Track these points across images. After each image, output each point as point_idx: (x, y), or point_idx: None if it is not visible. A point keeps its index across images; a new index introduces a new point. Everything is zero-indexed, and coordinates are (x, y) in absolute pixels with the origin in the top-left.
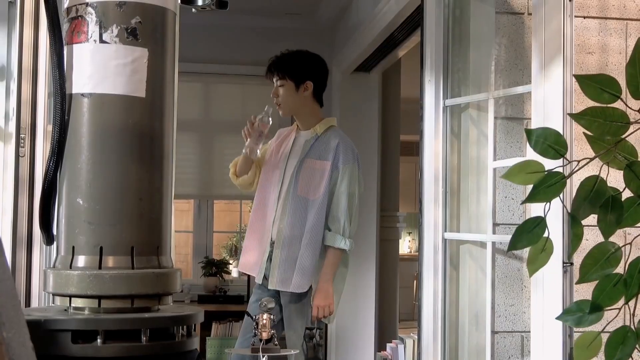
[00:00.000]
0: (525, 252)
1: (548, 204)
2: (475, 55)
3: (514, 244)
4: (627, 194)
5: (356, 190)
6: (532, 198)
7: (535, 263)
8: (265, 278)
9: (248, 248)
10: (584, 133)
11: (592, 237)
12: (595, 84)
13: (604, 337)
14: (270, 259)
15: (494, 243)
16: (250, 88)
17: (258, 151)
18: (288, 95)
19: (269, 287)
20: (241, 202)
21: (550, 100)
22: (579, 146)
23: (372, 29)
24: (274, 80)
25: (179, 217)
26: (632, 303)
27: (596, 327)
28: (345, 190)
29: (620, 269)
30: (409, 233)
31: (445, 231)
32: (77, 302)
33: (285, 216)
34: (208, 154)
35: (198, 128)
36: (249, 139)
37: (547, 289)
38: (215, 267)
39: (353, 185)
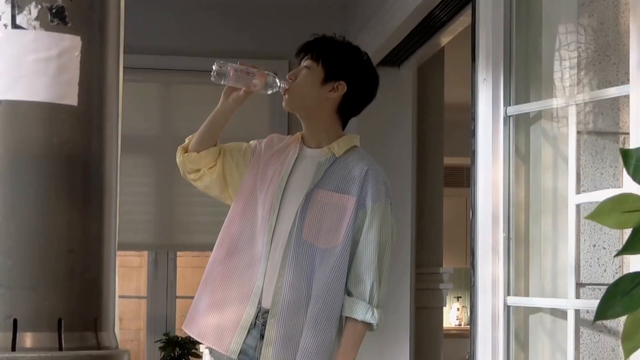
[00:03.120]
0: (621, 323)
1: None
2: (550, 42)
3: (604, 310)
4: None
5: (389, 239)
6: (630, 247)
7: (634, 339)
8: (246, 354)
9: (217, 306)
10: None
11: None
12: None
13: None
14: (261, 334)
15: (577, 312)
16: None
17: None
18: (308, 82)
19: None
20: None
21: None
22: None
23: (403, 5)
24: (302, 60)
25: (127, 276)
26: None
27: None
28: (374, 239)
29: None
30: (458, 298)
31: (509, 294)
32: None
33: (285, 271)
34: (168, 185)
35: (154, 149)
36: (231, 70)
37: None
38: (179, 348)
39: (385, 232)
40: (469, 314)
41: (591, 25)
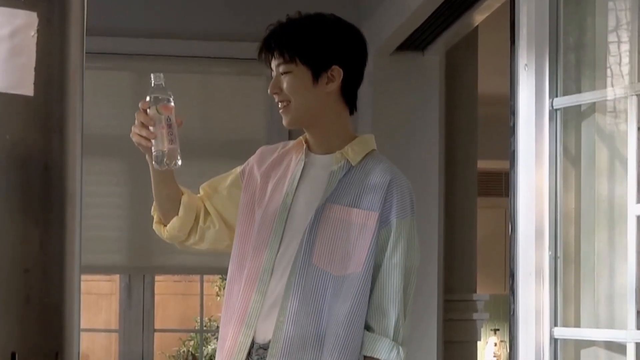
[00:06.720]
0: None
1: None
2: (606, 21)
3: None
4: None
5: (415, 263)
6: None
7: None
8: None
9: (219, 348)
10: None
11: None
12: None
13: None
14: None
15: (639, 345)
16: (218, 80)
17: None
18: (300, 89)
19: None
20: (202, 278)
21: None
22: None
23: None
24: (274, 64)
25: (95, 305)
26: None
27: None
28: (400, 264)
29: None
30: (495, 330)
31: (556, 325)
32: None
33: (288, 302)
34: (143, 195)
35: (126, 150)
36: (153, 141)
37: None
38: None
39: (412, 254)
40: (508, 350)
41: None
